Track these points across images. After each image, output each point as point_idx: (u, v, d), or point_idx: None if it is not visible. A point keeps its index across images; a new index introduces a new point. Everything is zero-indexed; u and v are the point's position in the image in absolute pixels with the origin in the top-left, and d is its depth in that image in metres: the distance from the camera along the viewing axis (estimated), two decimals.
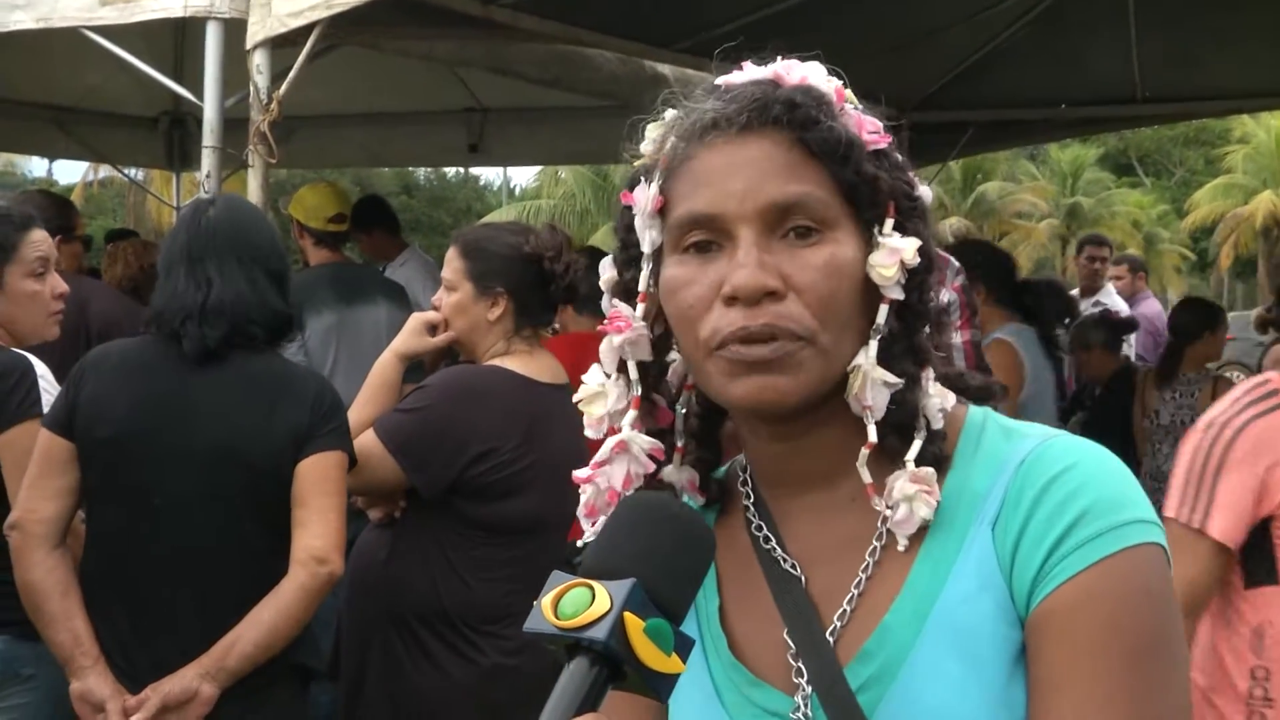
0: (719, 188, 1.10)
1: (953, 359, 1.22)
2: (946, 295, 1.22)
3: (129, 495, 2.75)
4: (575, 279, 3.12)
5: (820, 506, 1.17)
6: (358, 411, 3.05)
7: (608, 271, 1.21)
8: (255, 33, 3.91)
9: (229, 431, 2.73)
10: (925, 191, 1.17)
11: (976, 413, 1.19)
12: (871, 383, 1.10)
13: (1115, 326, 6.65)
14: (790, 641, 1.14)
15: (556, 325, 3.93)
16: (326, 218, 5.19)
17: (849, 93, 1.17)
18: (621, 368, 1.19)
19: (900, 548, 1.12)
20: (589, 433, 1.20)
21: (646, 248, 1.16)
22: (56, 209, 5.16)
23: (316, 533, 2.72)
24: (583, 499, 1.18)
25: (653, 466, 1.19)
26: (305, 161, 9.15)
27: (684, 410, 1.23)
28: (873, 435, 1.11)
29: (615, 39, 5.61)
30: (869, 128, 1.13)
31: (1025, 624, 1.08)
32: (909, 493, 1.11)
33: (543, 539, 3.09)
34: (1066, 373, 6.47)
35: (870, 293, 1.12)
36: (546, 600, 0.96)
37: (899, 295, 1.12)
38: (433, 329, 3.15)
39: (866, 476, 1.13)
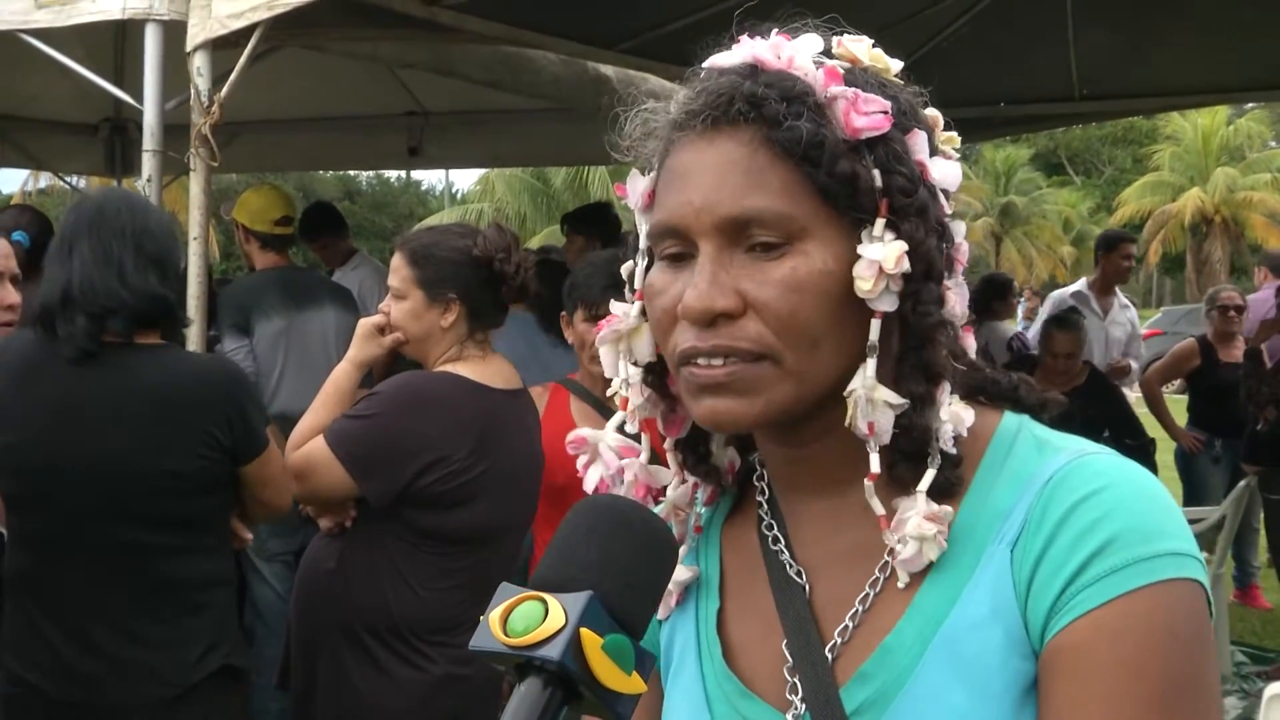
0: (681, 197, 1.03)
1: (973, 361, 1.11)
2: (960, 300, 1.08)
3: (37, 503, 2.72)
4: (526, 278, 3.09)
5: (832, 514, 1.10)
6: (311, 418, 3.02)
7: (628, 260, 1.15)
8: (195, 34, 3.85)
9: (128, 444, 2.68)
10: (948, 174, 1.06)
11: (1011, 420, 1.09)
12: (871, 405, 1.01)
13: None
14: (788, 654, 1.08)
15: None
16: (272, 220, 5.12)
17: (878, 61, 1.07)
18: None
19: (900, 585, 1.04)
20: (629, 428, 1.15)
21: (643, 243, 1.10)
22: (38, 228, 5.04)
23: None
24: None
25: (616, 465, 1.13)
26: (246, 166, 9.06)
27: None
28: (875, 466, 1.02)
29: (559, 40, 5.59)
30: (864, 111, 1.01)
31: (1039, 657, 0.98)
32: (926, 533, 1.02)
33: (494, 548, 3.06)
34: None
35: (861, 305, 1.01)
36: (495, 615, 0.87)
37: (887, 307, 1.01)
38: (381, 332, 3.11)
39: (879, 508, 1.04)
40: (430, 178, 52.17)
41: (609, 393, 1.17)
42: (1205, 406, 7.50)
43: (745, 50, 1.06)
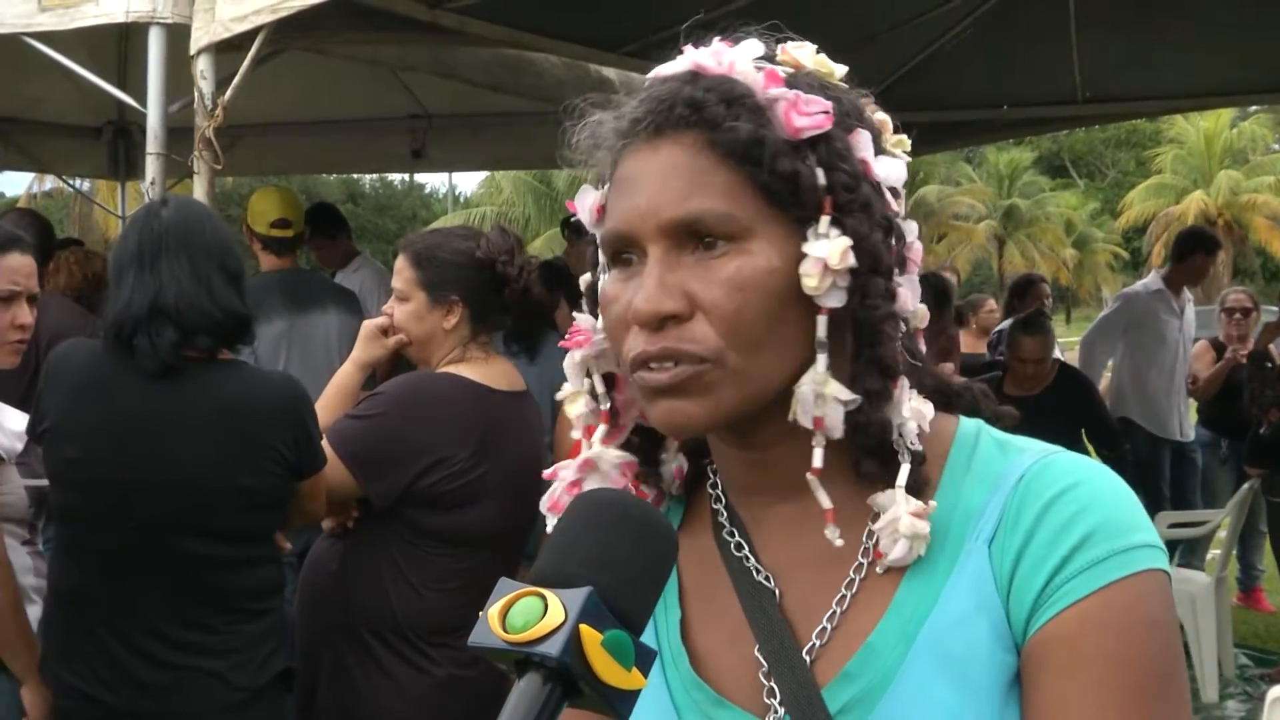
0: (629, 203, 1.03)
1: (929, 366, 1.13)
2: (912, 296, 1.09)
3: (104, 516, 2.70)
4: (530, 281, 3.10)
5: (796, 518, 1.09)
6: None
7: (586, 274, 1.15)
8: (199, 38, 3.85)
9: (209, 460, 2.68)
10: (892, 172, 1.06)
11: (969, 424, 1.12)
12: (821, 400, 1.02)
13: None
14: (762, 659, 1.07)
15: None
16: (269, 222, 5.10)
17: (821, 66, 1.09)
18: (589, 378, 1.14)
19: (880, 570, 1.05)
20: (574, 433, 1.15)
21: (601, 256, 1.10)
22: (37, 231, 5.02)
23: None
24: (546, 495, 1.13)
25: (623, 482, 1.13)
26: (249, 169, 9.08)
27: None
28: (817, 460, 1.03)
29: (561, 43, 5.60)
30: (805, 112, 1.02)
31: (1022, 649, 1.01)
32: (920, 531, 1.03)
33: (497, 549, 3.06)
34: None
35: (811, 302, 1.02)
36: (494, 611, 0.86)
37: (834, 303, 1.02)
38: (385, 333, 3.13)
39: (825, 501, 1.04)
40: (433, 180, 52.43)
41: (557, 396, 1.17)
42: (1214, 407, 7.49)
43: (687, 59, 1.07)
